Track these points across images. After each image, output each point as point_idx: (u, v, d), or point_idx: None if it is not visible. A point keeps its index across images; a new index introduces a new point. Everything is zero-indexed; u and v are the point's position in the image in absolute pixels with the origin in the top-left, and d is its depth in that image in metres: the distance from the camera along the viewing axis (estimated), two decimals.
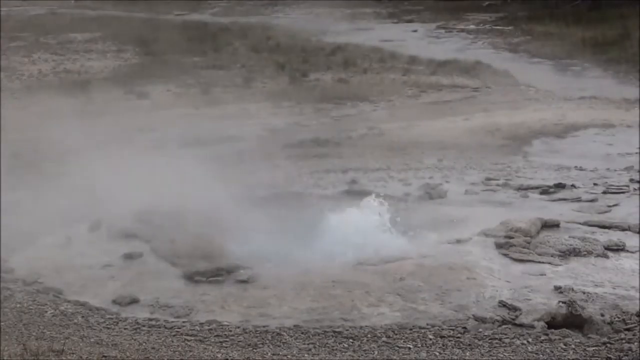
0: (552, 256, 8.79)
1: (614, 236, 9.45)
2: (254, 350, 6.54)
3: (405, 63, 24.11)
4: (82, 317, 7.30)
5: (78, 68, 24.29)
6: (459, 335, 6.84)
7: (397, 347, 6.61)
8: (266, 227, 9.34)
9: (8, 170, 10.43)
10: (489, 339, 6.73)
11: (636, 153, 13.58)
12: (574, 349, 6.52)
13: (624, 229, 9.73)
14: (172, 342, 6.63)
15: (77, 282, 8.38)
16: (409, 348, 6.58)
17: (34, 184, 10.77)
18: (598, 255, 8.83)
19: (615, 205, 10.90)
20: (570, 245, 9.04)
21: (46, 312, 7.37)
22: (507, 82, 21.23)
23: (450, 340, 6.73)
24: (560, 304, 7.44)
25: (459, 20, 35.82)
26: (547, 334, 6.83)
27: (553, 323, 7.19)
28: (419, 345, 6.64)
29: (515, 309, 7.42)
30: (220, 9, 43.49)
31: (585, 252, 8.89)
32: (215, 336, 6.84)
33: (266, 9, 41.66)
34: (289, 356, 6.41)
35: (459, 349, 6.57)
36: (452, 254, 8.86)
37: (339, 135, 15.44)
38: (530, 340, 6.69)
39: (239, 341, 6.74)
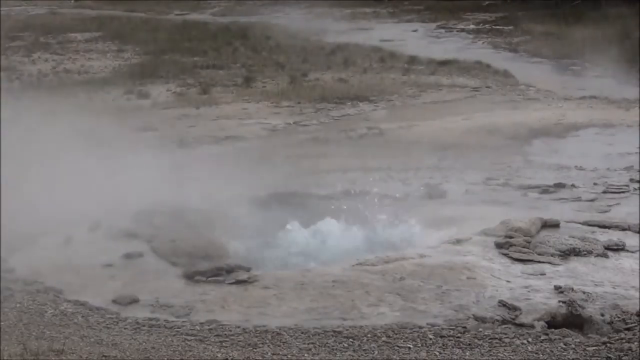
0: (552, 256, 8.78)
1: (614, 236, 9.44)
2: (254, 349, 6.54)
3: (405, 63, 24.13)
4: (82, 316, 7.30)
5: (78, 68, 24.30)
6: (459, 334, 6.84)
7: (397, 346, 6.61)
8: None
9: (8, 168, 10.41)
10: (489, 339, 6.73)
11: (636, 153, 13.57)
12: (573, 348, 6.52)
13: (623, 229, 9.71)
14: (172, 341, 6.63)
15: (77, 281, 8.38)
16: (409, 348, 6.58)
17: (35, 182, 10.76)
18: (598, 255, 8.82)
19: (615, 205, 10.89)
20: (570, 245, 9.02)
21: (46, 311, 7.37)
22: (507, 82, 21.22)
23: (450, 340, 6.73)
24: (560, 303, 7.45)
25: (459, 20, 35.86)
26: (547, 334, 6.84)
27: (553, 323, 7.20)
28: (419, 345, 6.65)
29: (515, 308, 7.42)
30: (220, 9, 43.54)
31: (585, 252, 8.88)
32: (215, 336, 6.84)
33: (266, 9, 41.69)
34: (289, 356, 6.41)
35: (459, 348, 6.58)
36: (452, 253, 8.85)
37: (339, 135, 15.43)
38: (530, 339, 6.70)
39: (239, 341, 6.74)
